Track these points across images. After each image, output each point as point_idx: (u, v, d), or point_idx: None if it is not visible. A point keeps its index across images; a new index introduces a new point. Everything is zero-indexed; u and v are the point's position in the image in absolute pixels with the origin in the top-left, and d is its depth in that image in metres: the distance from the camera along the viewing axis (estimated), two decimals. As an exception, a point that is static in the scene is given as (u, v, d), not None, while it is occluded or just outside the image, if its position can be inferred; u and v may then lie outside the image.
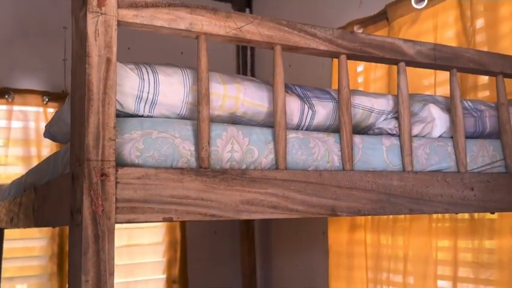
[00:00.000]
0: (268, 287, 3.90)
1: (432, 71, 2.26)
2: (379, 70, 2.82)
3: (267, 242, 3.97)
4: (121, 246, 3.35)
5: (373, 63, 2.67)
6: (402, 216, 2.62)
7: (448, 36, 2.44)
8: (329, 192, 1.26)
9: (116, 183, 1.01)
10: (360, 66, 2.96)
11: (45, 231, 3.24)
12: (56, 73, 3.29)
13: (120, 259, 3.16)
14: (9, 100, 3.20)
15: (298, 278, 3.53)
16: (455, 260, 2.37)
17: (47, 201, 1.36)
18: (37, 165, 1.79)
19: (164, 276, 3.69)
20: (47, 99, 3.28)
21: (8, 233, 2.95)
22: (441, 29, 2.45)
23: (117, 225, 1.00)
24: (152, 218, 1.06)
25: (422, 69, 1.91)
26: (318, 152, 1.31)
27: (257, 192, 1.18)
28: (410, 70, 1.49)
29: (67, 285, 3.14)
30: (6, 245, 2.97)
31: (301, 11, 3.56)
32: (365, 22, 2.84)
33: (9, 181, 2.46)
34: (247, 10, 4.22)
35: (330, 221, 3.05)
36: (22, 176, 2.03)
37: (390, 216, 2.70)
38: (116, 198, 1.00)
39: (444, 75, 1.58)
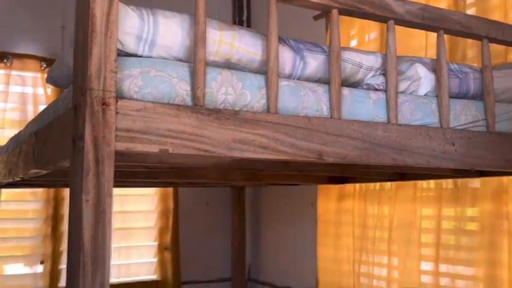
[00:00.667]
0: (258, 256, 3.96)
1: (423, 34, 2.29)
2: (372, 32, 2.84)
3: (257, 213, 4.04)
4: (114, 212, 3.38)
5: (366, 26, 2.69)
6: (389, 185, 2.69)
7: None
8: (316, 138, 1.30)
9: (116, 113, 1.05)
10: (354, 30, 2.99)
11: (41, 194, 3.29)
12: (54, 40, 3.30)
13: (113, 224, 3.21)
14: (8, 64, 3.23)
15: (286, 247, 3.60)
16: (439, 227, 2.43)
17: (48, 141, 1.40)
18: (37, 116, 1.82)
19: (156, 243, 3.75)
20: (44, 65, 3.30)
21: (3, 195, 2.99)
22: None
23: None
24: (149, 149, 1.10)
25: (414, 32, 1.93)
26: (308, 100, 1.35)
27: (249, 133, 1.22)
28: (402, 33, 1.51)
29: (63, 246, 3.22)
30: (1, 206, 3.02)
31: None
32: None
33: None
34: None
35: (320, 190, 3.11)
36: (20, 130, 2.07)
37: (377, 185, 2.76)
38: (116, 127, 1.05)
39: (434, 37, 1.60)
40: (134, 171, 2.17)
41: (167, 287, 3.71)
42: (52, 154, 1.35)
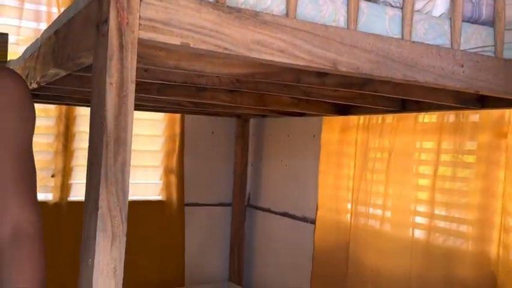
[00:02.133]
0: (258, 184, 4.01)
1: None
2: None
3: (259, 145, 4.06)
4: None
5: None
6: (391, 117, 2.69)
7: None
8: (332, 47, 1.30)
9: (140, 1, 1.04)
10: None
11: (53, 111, 3.30)
12: None
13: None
14: None
15: (287, 177, 3.64)
16: (437, 159, 2.45)
17: (69, 36, 1.39)
18: (54, 20, 1.79)
19: (162, 166, 3.80)
20: None
21: None
22: None
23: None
24: (171, 40, 1.10)
25: None
26: (326, 10, 1.33)
27: (268, 35, 1.21)
28: None
29: (74, 162, 3.23)
30: None
31: None
32: None
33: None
34: None
35: (324, 123, 3.12)
36: (37, 38, 2.04)
37: (380, 118, 2.76)
38: (139, 15, 1.04)
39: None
40: (147, 87, 2.17)
41: (171, 207, 3.78)
42: (73, 49, 1.34)
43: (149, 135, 3.77)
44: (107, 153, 1.01)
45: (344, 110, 2.74)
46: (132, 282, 2.97)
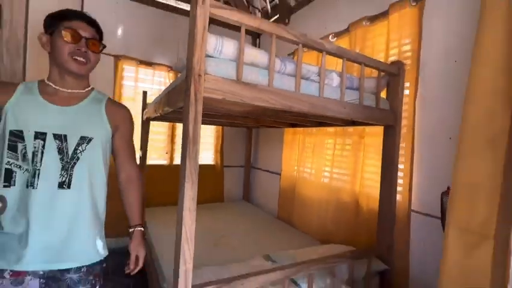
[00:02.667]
0: (256, 158, 3.90)
1: (336, 59, 2.15)
2: (313, 57, 2.58)
3: (257, 140, 3.91)
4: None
5: (312, 55, 2.50)
6: (315, 129, 2.61)
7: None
8: (288, 99, 1.26)
9: (204, 80, 1.01)
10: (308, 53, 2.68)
11: (166, 125, 3.19)
12: (173, 55, 3.07)
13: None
14: (153, 67, 3.04)
15: (269, 154, 3.53)
16: (334, 148, 2.38)
17: (173, 93, 1.35)
18: (167, 87, 1.76)
19: (213, 149, 3.65)
20: (169, 69, 3.08)
21: (151, 125, 2.85)
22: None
23: None
24: (218, 96, 1.07)
25: (332, 58, 1.83)
26: (286, 83, 1.28)
27: (260, 94, 1.17)
28: (328, 57, 1.42)
29: (174, 145, 3.12)
30: (151, 132, 2.86)
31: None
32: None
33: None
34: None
35: (286, 131, 3.04)
36: (160, 94, 1.97)
37: (309, 129, 2.68)
38: (204, 86, 1.01)
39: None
40: (207, 113, 2.14)
41: (218, 167, 3.60)
42: (175, 99, 1.31)
43: (208, 135, 3.67)
44: (188, 145, 0.99)
45: (294, 125, 2.69)
46: (200, 198, 2.98)
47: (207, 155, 3.76)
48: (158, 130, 3.24)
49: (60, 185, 0.92)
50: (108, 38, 2.71)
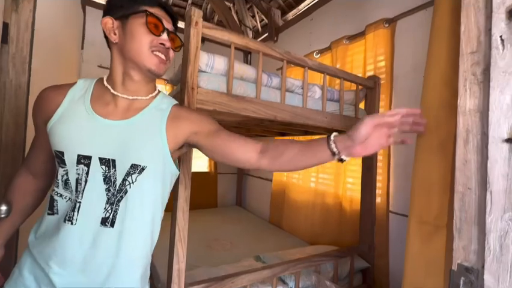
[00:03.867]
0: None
1: (319, 74, 2.15)
2: (299, 72, 2.58)
3: None
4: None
5: (297, 70, 2.51)
6: (302, 137, 2.66)
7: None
8: (274, 110, 1.27)
9: (197, 93, 1.04)
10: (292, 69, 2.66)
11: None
12: (171, 71, 3.04)
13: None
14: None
15: None
16: None
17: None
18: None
19: (207, 157, 3.64)
20: (166, 82, 3.08)
21: None
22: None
23: None
24: (209, 108, 1.09)
25: (315, 73, 1.85)
26: (272, 95, 1.31)
27: (248, 105, 1.18)
28: (311, 72, 1.42)
29: None
30: None
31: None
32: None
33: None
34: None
35: (275, 139, 3.07)
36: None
37: (298, 137, 2.69)
38: (196, 98, 1.03)
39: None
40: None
41: (211, 174, 3.52)
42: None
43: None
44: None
45: (281, 134, 2.66)
46: (194, 203, 2.94)
47: (201, 163, 3.68)
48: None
49: (103, 222, 0.67)
50: (109, 52, 2.68)
